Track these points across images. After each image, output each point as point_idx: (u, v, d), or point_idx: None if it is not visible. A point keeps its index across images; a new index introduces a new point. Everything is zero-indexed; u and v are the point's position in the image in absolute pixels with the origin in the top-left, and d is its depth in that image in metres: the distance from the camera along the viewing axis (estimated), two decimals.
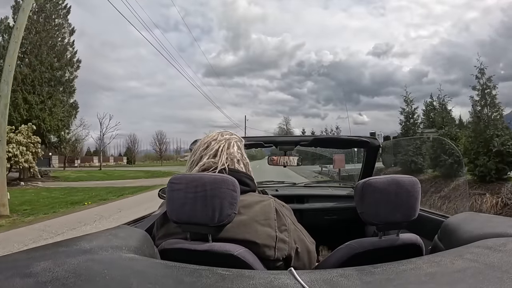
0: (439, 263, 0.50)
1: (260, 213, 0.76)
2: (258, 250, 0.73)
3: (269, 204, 0.79)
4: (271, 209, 0.78)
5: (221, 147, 0.84)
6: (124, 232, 0.66)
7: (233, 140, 0.87)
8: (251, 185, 0.83)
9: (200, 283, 0.43)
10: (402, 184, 0.78)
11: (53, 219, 6.56)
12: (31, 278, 0.42)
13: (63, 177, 17.96)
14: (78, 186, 13.29)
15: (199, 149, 0.86)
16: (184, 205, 0.70)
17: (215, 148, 0.83)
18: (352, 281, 0.44)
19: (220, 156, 0.82)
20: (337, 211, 1.91)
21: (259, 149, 1.93)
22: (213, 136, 0.87)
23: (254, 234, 0.73)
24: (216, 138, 0.86)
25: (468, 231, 0.67)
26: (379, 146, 1.72)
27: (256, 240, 0.73)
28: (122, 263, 0.51)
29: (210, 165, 0.82)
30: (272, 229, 0.76)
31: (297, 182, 2.41)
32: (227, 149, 0.84)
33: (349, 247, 0.81)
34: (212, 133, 0.89)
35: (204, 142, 0.87)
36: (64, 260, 0.48)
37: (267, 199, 0.80)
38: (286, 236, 0.78)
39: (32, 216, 6.81)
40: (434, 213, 1.28)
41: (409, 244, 0.80)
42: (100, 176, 19.46)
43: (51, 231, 5.35)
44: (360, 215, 0.81)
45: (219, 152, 0.83)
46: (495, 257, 0.50)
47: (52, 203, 8.58)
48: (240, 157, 0.86)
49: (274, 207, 0.79)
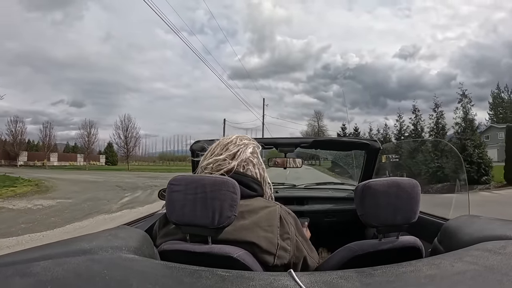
0: (438, 265, 0.50)
1: (264, 219, 0.75)
2: (258, 254, 0.72)
3: (274, 210, 0.78)
4: (275, 216, 0.77)
5: (240, 151, 0.84)
6: (124, 232, 0.66)
7: (252, 146, 0.88)
8: (258, 190, 0.82)
9: (200, 284, 0.43)
10: (402, 187, 0.78)
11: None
12: (31, 278, 0.42)
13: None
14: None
15: (216, 149, 0.85)
16: (183, 207, 0.70)
17: (234, 151, 0.83)
18: (352, 283, 0.44)
19: (237, 159, 0.82)
20: (337, 213, 1.91)
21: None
22: (231, 139, 0.87)
23: (255, 238, 0.73)
24: (235, 142, 0.86)
25: (468, 233, 0.67)
26: (379, 149, 1.72)
27: (257, 243, 0.72)
28: (122, 264, 0.51)
29: (224, 165, 0.81)
30: (274, 236, 0.75)
31: (305, 183, 2.40)
32: (244, 154, 0.84)
33: (349, 249, 0.81)
34: (230, 135, 0.89)
35: (222, 144, 0.86)
36: (64, 260, 0.48)
37: (273, 205, 0.79)
38: (288, 244, 0.76)
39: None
40: (434, 215, 1.28)
41: (409, 246, 0.79)
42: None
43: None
44: (360, 217, 0.81)
45: (237, 155, 0.83)
46: (495, 259, 0.50)
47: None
48: (256, 162, 0.87)
49: (279, 214, 0.78)
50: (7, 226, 5.34)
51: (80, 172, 24.25)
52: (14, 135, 30.25)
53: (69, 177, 17.20)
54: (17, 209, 7.19)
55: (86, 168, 29.50)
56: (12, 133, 30.25)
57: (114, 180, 14.92)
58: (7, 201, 8.38)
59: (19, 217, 6.12)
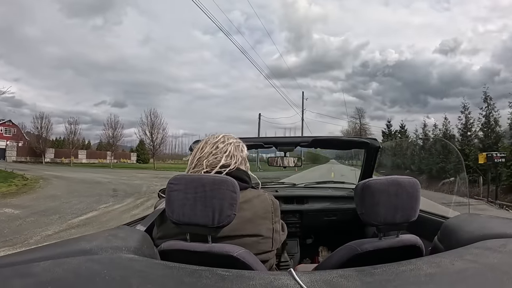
0: (439, 264, 0.50)
1: (260, 208, 0.83)
2: (259, 242, 0.79)
3: (265, 198, 0.87)
4: (268, 203, 0.86)
5: (233, 149, 0.89)
6: (124, 232, 0.66)
7: (240, 144, 0.94)
8: (249, 182, 0.89)
9: (200, 283, 0.43)
10: (402, 185, 0.78)
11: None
12: (31, 278, 0.42)
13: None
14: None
15: (205, 148, 0.88)
16: (183, 206, 0.70)
17: (224, 149, 0.88)
18: (352, 281, 0.44)
19: (233, 158, 0.87)
20: (337, 212, 1.91)
21: (322, 154, 1.90)
22: (219, 138, 0.91)
23: (257, 228, 0.80)
24: (223, 141, 0.90)
25: (468, 232, 0.67)
26: (378, 147, 1.72)
27: (259, 233, 0.80)
28: (122, 264, 0.51)
29: (218, 161, 0.85)
30: (270, 221, 0.84)
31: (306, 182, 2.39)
32: (235, 151, 0.89)
33: (349, 248, 0.81)
34: (217, 135, 0.93)
35: (211, 142, 0.89)
36: (64, 260, 0.48)
37: (262, 194, 0.88)
38: (278, 227, 0.87)
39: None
40: (434, 214, 1.28)
41: (409, 245, 0.79)
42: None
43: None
44: (360, 216, 0.81)
45: (230, 153, 0.87)
46: (495, 258, 0.50)
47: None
48: (244, 159, 0.93)
49: (270, 201, 0.87)
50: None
51: (98, 170, 22.78)
52: (40, 131, 29.66)
53: (74, 175, 16.52)
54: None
55: (111, 166, 28.73)
56: (38, 130, 29.70)
57: (120, 181, 14.07)
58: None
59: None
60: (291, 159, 1.85)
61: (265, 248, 0.81)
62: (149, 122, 30.49)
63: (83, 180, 14.49)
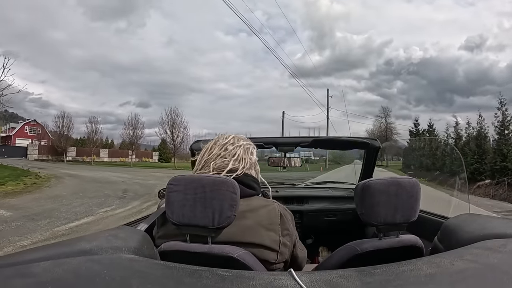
0: (439, 264, 0.50)
1: (265, 218, 0.78)
2: (262, 253, 0.74)
3: (274, 208, 0.80)
4: (276, 214, 0.80)
5: (242, 152, 0.85)
6: (124, 232, 0.66)
7: (250, 146, 0.90)
8: (257, 189, 0.85)
9: (200, 284, 0.43)
10: (402, 185, 0.78)
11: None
12: (31, 278, 0.42)
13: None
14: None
15: (214, 149, 0.85)
16: (183, 207, 0.70)
17: (233, 152, 0.84)
18: (352, 282, 0.44)
19: (241, 162, 0.83)
20: (337, 212, 1.91)
21: (348, 155, 1.89)
22: (228, 140, 0.87)
23: (260, 238, 0.75)
24: (233, 143, 0.86)
25: (468, 232, 0.67)
26: (379, 148, 1.72)
27: (261, 243, 0.75)
28: (122, 264, 0.51)
29: (226, 164, 0.81)
30: (276, 233, 0.77)
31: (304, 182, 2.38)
32: (245, 154, 0.85)
33: (349, 248, 0.81)
34: (227, 135, 0.89)
35: (220, 144, 0.86)
36: (64, 260, 0.48)
37: (271, 204, 0.82)
38: (287, 240, 0.80)
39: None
40: (434, 214, 1.28)
41: (409, 245, 0.80)
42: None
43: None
44: (360, 216, 0.81)
45: (239, 156, 0.84)
46: (495, 258, 0.50)
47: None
48: (254, 163, 0.89)
49: (279, 212, 0.80)
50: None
51: (117, 169, 22.61)
52: (61, 130, 29.73)
53: (89, 174, 16.19)
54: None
55: (131, 165, 28.59)
56: (59, 128, 29.80)
57: (135, 181, 13.60)
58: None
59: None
60: (292, 159, 1.85)
61: (268, 260, 0.76)
62: (170, 120, 30.46)
63: (96, 179, 14.16)
